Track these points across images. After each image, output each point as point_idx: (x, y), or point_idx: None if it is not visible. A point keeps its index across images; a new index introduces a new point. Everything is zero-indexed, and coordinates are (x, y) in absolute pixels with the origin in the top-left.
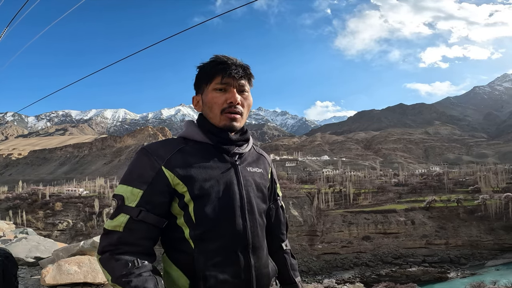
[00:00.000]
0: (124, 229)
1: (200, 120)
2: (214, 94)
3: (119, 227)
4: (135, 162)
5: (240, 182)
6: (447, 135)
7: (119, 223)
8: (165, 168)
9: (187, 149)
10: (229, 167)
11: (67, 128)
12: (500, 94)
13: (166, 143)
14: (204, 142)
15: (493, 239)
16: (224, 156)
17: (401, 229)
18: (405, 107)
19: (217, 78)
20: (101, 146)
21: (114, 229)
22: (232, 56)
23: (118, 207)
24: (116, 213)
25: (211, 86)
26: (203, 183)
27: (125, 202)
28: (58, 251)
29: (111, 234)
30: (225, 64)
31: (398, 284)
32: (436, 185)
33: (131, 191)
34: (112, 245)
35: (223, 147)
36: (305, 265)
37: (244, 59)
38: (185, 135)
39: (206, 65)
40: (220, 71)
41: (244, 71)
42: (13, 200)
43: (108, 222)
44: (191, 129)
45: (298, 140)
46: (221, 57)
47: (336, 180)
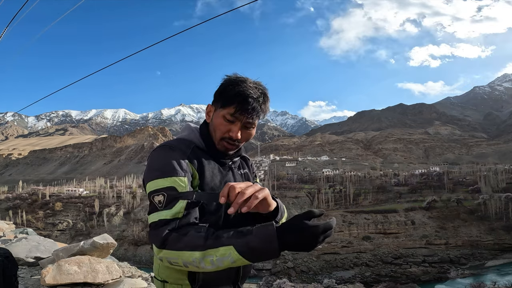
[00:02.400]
0: (184, 214)
1: (203, 129)
2: (222, 121)
3: (179, 213)
4: (165, 157)
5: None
6: (447, 135)
7: (179, 210)
8: (188, 161)
9: (196, 150)
10: (227, 169)
11: (67, 128)
12: (500, 94)
13: (182, 142)
14: (205, 149)
15: (493, 239)
16: (222, 161)
17: (401, 229)
18: (405, 107)
19: (231, 108)
20: (101, 146)
21: (174, 216)
22: (256, 83)
23: (174, 197)
24: (172, 203)
25: (222, 112)
26: (211, 180)
27: (179, 189)
28: (58, 251)
29: (170, 222)
30: (245, 100)
31: (398, 284)
32: (436, 185)
33: (178, 180)
34: (175, 230)
35: (220, 160)
36: (305, 265)
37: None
38: (189, 139)
39: (230, 88)
40: (238, 104)
41: (260, 109)
42: (13, 200)
43: (163, 213)
44: (194, 136)
45: (298, 140)
46: (244, 87)
47: (336, 180)
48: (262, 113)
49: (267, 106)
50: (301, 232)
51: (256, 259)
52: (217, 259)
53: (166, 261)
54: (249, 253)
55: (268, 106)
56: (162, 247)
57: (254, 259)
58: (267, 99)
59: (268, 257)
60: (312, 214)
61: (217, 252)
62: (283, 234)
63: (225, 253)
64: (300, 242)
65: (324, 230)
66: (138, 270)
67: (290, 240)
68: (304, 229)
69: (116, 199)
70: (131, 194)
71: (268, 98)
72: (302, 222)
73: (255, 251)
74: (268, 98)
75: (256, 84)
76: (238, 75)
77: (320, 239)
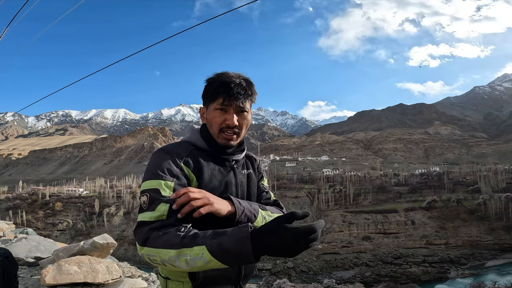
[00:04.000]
0: (167, 216)
1: (203, 130)
2: (215, 114)
3: (162, 216)
4: (158, 160)
5: (238, 184)
6: (447, 135)
7: (162, 212)
8: (184, 165)
9: (196, 152)
10: (229, 170)
11: (67, 128)
12: (500, 94)
13: (180, 145)
14: (206, 150)
15: (493, 239)
16: (224, 161)
17: (401, 229)
18: (405, 107)
19: (219, 99)
20: (101, 146)
21: (157, 219)
22: (236, 73)
23: (155, 199)
24: (154, 204)
25: (213, 106)
26: (209, 181)
27: (162, 193)
28: (58, 251)
29: (154, 223)
30: (228, 86)
31: (398, 284)
32: (436, 185)
33: (164, 184)
34: (157, 228)
35: (222, 157)
36: (305, 265)
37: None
38: (190, 141)
39: (212, 83)
40: (223, 92)
41: (246, 92)
42: (13, 200)
43: (147, 214)
44: (195, 137)
45: (298, 140)
46: (225, 77)
47: (336, 180)
48: (250, 96)
49: (253, 89)
50: (279, 235)
51: (230, 261)
52: (191, 258)
53: (147, 258)
54: (222, 255)
55: (255, 90)
56: (143, 244)
57: (228, 262)
58: (251, 83)
59: (243, 261)
60: (294, 216)
61: (191, 251)
62: (260, 237)
63: (198, 253)
64: (279, 246)
65: (306, 233)
66: (138, 270)
67: (267, 244)
68: (282, 232)
69: (116, 199)
70: (131, 194)
71: (252, 83)
72: (281, 224)
73: (228, 252)
74: (252, 83)
75: (236, 73)
76: (216, 72)
77: (301, 243)
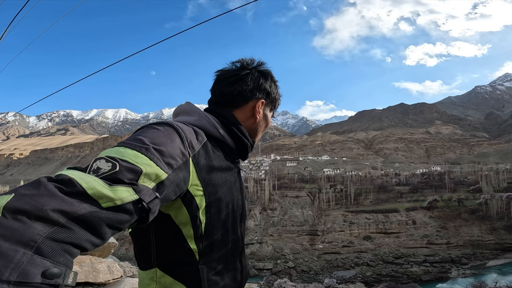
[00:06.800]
0: (119, 209)
1: (231, 120)
2: (270, 118)
3: (113, 201)
4: (165, 136)
5: (242, 189)
6: (449, 135)
7: (119, 198)
8: (192, 161)
9: (209, 147)
10: (237, 172)
11: (68, 128)
12: (502, 94)
13: (194, 133)
14: (224, 142)
15: (495, 239)
16: (234, 161)
17: (402, 228)
18: (406, 107)
19: (275, 108)
20: (102, 146)
21: (98, 198)
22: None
23: (126, 177)
24: (119, 182)
25: (269, 109)
26: (218, 188)
27: (141, 180)
28: None
29: (86, 198)
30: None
31: (399, 284)
32: (437, 184)
33: (154, 170)
34: (79, 209)
35: (233, 159)
36: (306, 264)
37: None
38: (202, 127)
39: (278, 89)
40: (278, 105)
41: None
42: None
43: (94, 182)
44: (210, 125)
45: (299, 140)
46: (277, 87)
47: (337, 180)
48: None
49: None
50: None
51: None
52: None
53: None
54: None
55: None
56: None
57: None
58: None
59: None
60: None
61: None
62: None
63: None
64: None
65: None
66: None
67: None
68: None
69: None
70: None
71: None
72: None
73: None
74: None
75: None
76: (267, 68)
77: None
